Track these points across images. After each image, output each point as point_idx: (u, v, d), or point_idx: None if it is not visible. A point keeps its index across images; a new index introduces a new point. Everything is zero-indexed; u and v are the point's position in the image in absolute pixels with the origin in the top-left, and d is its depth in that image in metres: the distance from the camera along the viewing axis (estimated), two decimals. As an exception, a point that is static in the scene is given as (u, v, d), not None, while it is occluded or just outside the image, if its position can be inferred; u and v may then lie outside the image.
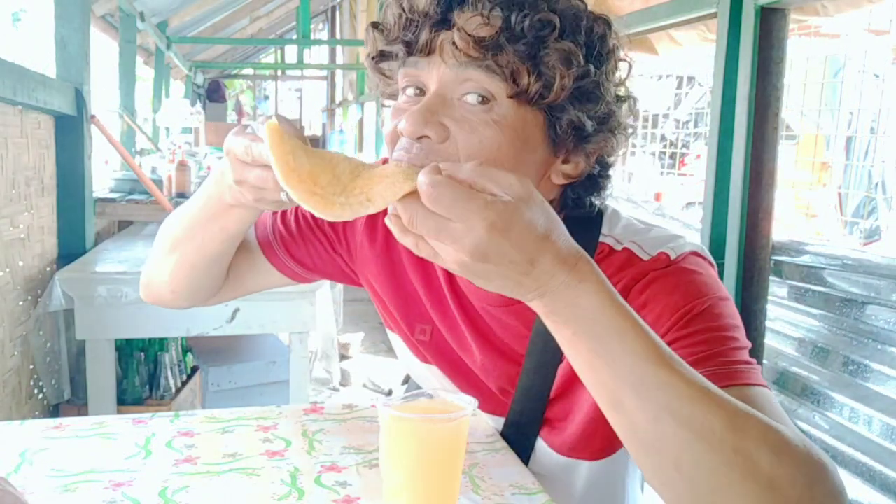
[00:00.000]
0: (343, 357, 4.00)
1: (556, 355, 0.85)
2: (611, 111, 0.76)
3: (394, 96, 0.81)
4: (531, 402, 0.88)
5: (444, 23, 0.72)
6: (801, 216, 2.59)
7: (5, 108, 1.90)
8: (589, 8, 0.76)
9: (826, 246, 1.63)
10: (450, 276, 0.91)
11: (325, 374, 3.86)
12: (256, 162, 0.66)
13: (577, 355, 0.60)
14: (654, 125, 3.59)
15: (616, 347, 0.57)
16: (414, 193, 0.56)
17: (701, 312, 0.71)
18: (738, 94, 1.69)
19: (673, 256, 0.76)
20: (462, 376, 0.95)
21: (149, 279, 0.97)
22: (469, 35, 0.70)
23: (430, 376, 0.99)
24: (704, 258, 0.78)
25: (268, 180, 0.65)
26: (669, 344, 0.61)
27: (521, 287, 0.57)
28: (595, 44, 0.74)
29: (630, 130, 0.80)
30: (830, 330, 1.59)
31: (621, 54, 0.78)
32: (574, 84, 0.71)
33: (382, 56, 0.78)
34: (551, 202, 0.74)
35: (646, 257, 0.78)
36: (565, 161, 0.77)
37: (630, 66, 0.79)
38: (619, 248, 0.80)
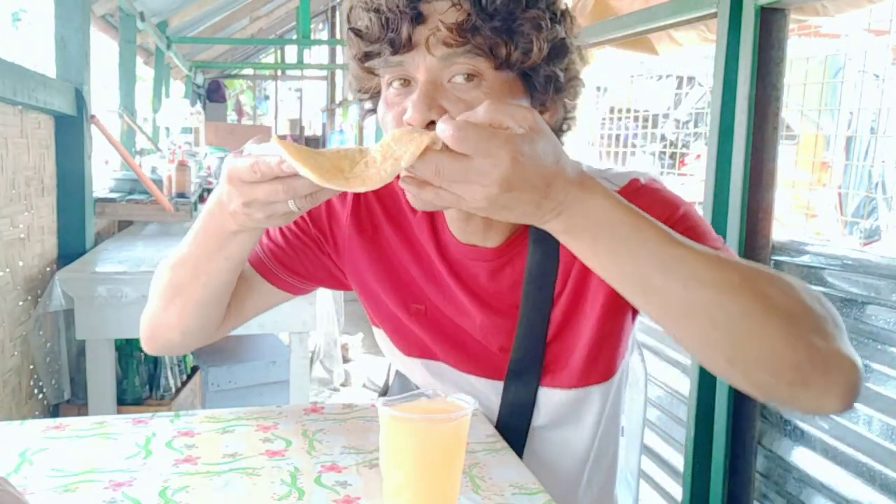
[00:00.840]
0: (343, 358, 4.00)
1: (549, 297, 0.93)
2: (574, 60, 0.85)
3: (372, 91, 0.87)
4: (532, 340, 0.94)
5: (419, 16, 0.77)
6: (801, 216, 2.59)
7: (5, 108, 1.90)
8: None
9: (826, 246, 1.63)
10: (440, 249, 0.96)
11: (325, 374, 3.86)
12: (265, 178, 0.68)
13: (599, 259, 0.67)
14: (654, 125, 3.59)
15: (635, 239, 0.65)
16: (428, 150, 0.61)
17: (679, 218, 0.85)
18: (738, 94, 1.68)
19: (643, 181, 0.90)
20: (459, 347, 0.98)
21: (153, 330, 0.97)
22: (449, 25, 0.76)
23: (418, 368, 1.02)
24: (660, 181, 0.92)
25: (278, 192, 0.68)
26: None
27: (540, 209, 0.63)
28: (553, 5, 0.82)
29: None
30: (830, 330, 1.59)
31: (571, 14, 0.87)
32: (548, 45, 0.80)
33: (367, 56, 0.82)
34: None
35: (617, 187, 0.88)
36: (542, 112, 0.85)
37: (574, 19, 0.87)
38: None
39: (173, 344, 0.97)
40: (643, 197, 0.86)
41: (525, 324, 0.94)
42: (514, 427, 0.97)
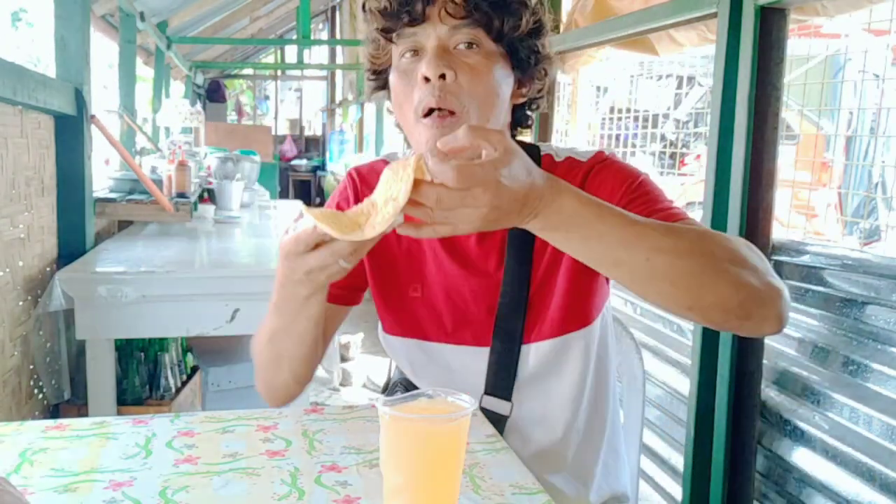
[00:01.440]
0: (343, 357, 4.00)
1: (530, 253, 1.06)
2: (547, 42, 1.02)
3: (381, 67, 1.03)
4: (516, 290, 1.06)
5: None
6: (801, 216, 2.59)
7: (5, 108, 1.89)
8: None
9: (826, 246, 1.63)
10: None
11: (325, 374, 3.86)
12: (308, 247, 0.78)
13: (572, 245, 0.78)
14: (654, 125, 3.59)
15: (601, 226, 0.76)
16: (420, 182, 0.70)
17: (638, 184, 1.00)
18: (738, 94, 1.68)
19: (606, 154, 1.06)
20: (450, 318, 1.10)
21: (274, 392, 1.08)
22: (456, 2, 0.93)
23: (412, 349, 1.13)
24: (621, 157, 1.07)
25: (325, 257, 0.78)
26: (624, 206, 0.86)
27: (521, 215, 0.74)
28: None
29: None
30: (830, 330, 1.59)
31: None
32: (532, 21, 0.97)
33: (386, 30, 0.98)
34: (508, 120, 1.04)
35: (585, 160, 1.05)
36: (520, 86, 1.02)
37: (546, 5, 1.03)
38: (560, 159, 1.07)
39: (294, 393, 1.08)
40: (609, 167, 1.03)
41: (510, 275, 1.07)
42: (502, 379, 1.08)
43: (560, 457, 1.13)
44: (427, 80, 0.93)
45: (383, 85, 1.03)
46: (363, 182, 1.14)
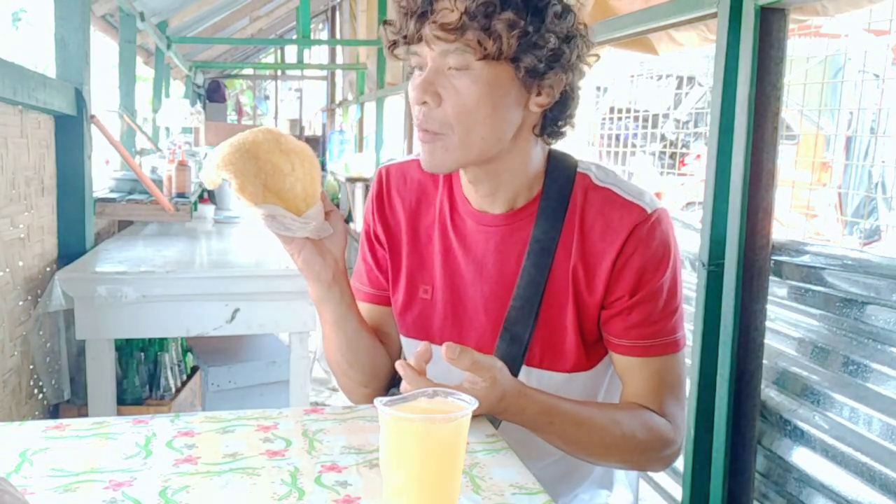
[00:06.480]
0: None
1: (548, 263, 1.06)
2: (558, 52, 0.96)
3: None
4: (531, 288, 1.06)
5: (424, 15, 0.94)
6: (801, 216, 2.59)
7: (5, 108, 1.89)
8: None
9: (826, 246, 1.63)
10: (455, 221, 1.11)
11: (323, 374, 3.86)
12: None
13: (537, 433, 1.00)
14: (654, 125, 3.59)
15: (549, 428, 0.99)
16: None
17: (655, 290, 1.03)
18: (738, 94, 1.68)
19: (653, 211, 1.03)
20: (457, 323, 1.11)
21: (347, 392, 1.20)
22: (440, 25, 0.93)
23: (414, 349, 1.13)
24: (667, 217, 1.06)
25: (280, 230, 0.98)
26: (632, 293, 1.02)
27: (495, 413, 0.95)
28: (534, 6, 0.94)
29: (590, 59, 1.03)
30: (830, 330, 1.59)
31: (560, 8, 0.97)
32: (517, 41, 0.93)
33: (394, 45, 1.00)
34: (534, 126, 1.02)
35: (629, 198, 1.03)
36: (538, 94, 0.99)
37: (574, 13, 0.99)
38: (600, 184, 1.06)
39: (365, 394, 1.16)
40: (649, 242, 1.02)
41: (525, 278, 1.06)
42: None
43: (549, 474, 1.13)
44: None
45: None
46: (388, 184, 1.16)
